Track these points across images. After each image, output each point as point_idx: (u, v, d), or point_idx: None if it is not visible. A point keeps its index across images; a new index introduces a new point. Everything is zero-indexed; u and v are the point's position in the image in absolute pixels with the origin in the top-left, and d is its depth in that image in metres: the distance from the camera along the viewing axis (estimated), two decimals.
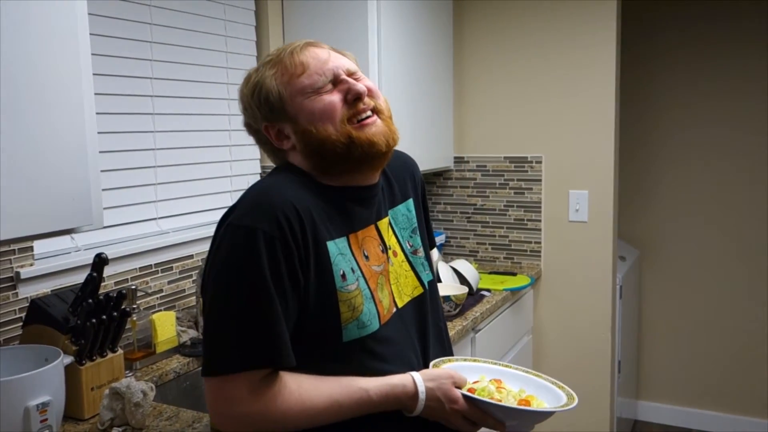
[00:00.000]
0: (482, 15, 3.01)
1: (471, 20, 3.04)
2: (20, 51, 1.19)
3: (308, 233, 1.08)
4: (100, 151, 1.45)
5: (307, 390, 1.07)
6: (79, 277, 1.69)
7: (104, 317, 1.54)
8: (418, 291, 1.28)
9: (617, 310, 3.03)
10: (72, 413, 1.52)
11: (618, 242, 3.10)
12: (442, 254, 3.14)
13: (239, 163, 2.39)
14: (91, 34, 1.36)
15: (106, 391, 1.49)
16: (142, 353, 1.84)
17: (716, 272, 3.53)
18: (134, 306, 1.83)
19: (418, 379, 1.15)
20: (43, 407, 1.32)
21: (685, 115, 3.51)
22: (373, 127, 1.16)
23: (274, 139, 1.20)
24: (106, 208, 1.64)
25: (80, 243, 1.85)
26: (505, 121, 3.02)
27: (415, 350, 1.23)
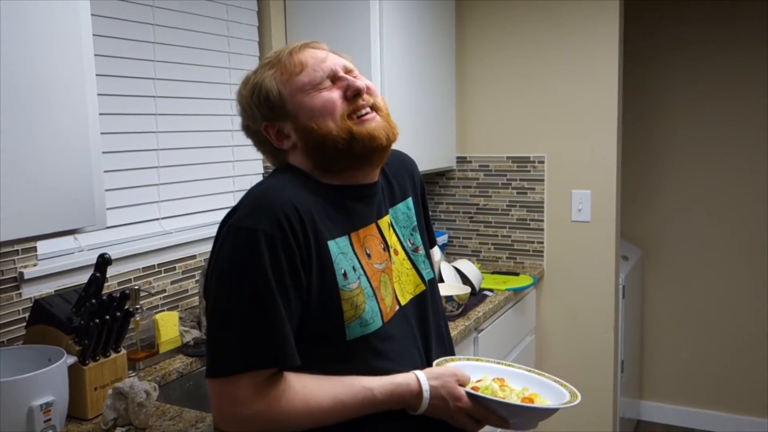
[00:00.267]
0: (484, 15, 3.01)
1: (473, 20, 3.04)
2: (23, 52, 1.19)
3: (309, 233, 1.08)
4: (103, 152, 1.46)
5: (312, 390, 1.08)
6: (83, 278, 1.69)
7: (107, 317, 1.54)
8: (420, 288, 1.29)
9: (620, 310, 3.02)
10: (75, 413, 1.53)
11: (620, 242, 3.10)
12: (445, 254, 3.13)
13: (242, 164, 2.40)
14: (94, 34, 1.36)
15: (110, 391, 1.49)
16: (145, 353, 1.84)
17: (719, 271, 3.52)
18: (137, 306, 1.83)
19: (422, 378, 1.15)
20: (47, 407, 1.32)
21: (687, 112, 3.50)
22: (373, 122, 1.16)
23: (274, 139, 1.20)
24: (109, 209, 1.64)
25: (83, 243, 1.85)
26: (508, 120, 3.02)
27: (418, 348, 1.23)
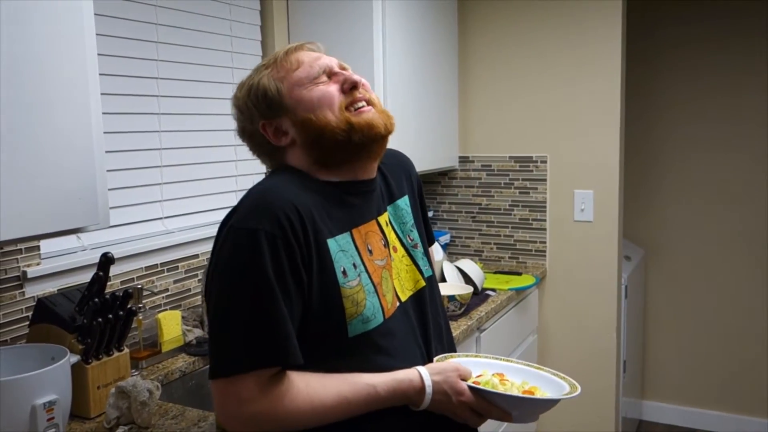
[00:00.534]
0: (487, 15, 3.01)
1: (476, 20, 3.04)
2: (27, 52, 1.19)
3: (309, 232, 1.08)
4: (107, 151, 1.46)
5: (315, 388, 1.08)
6: (86, 277, 1.70)
7: (110, 316, 1.55)
8: (420, 285, 1.29)
9: (622, 310, 3.02)
10: (78, 412, 1.53)
11: (623, 241, 3.10)
12: (447, 254, 3.13)
13: (244, 163, 2.40)
14: (97, 34, 1.36)
15: (112, 390, 1.50)
16: (148, 352, 1.84)
17: (722, 271, 3.52)
18: (140, 305, 1.83)
19: (425, 373, 1.15)
20: (50, 406, 1.32)
21: (688, 111, 3.50)
22: (371, 113, 1.19)
23: (271, 136, 1.21)
24: (112, 208, 1.64)
25: (86, 242, 1.86)
26: (510, 120, 3.02)
27: (418, 344, 1.23)
